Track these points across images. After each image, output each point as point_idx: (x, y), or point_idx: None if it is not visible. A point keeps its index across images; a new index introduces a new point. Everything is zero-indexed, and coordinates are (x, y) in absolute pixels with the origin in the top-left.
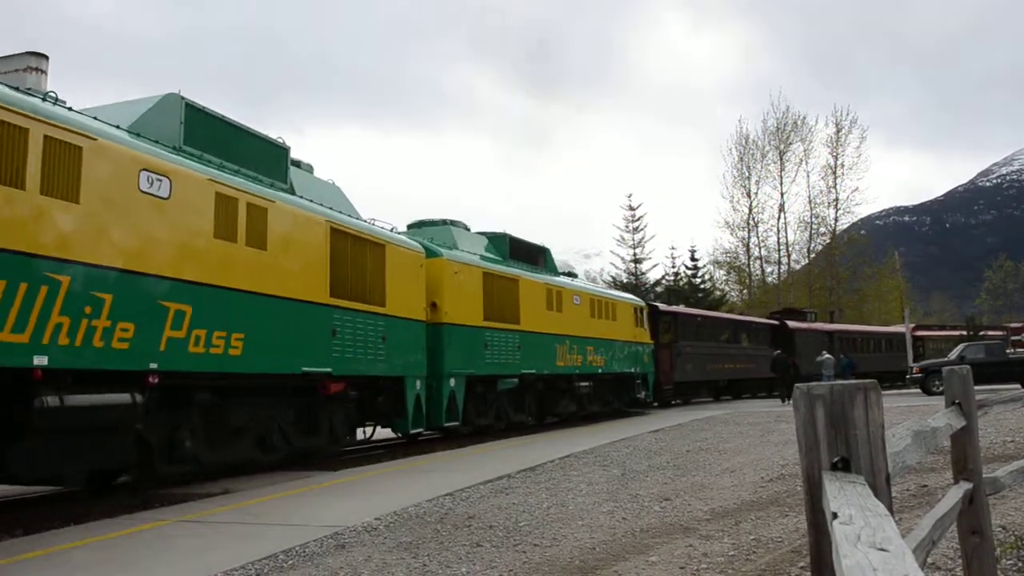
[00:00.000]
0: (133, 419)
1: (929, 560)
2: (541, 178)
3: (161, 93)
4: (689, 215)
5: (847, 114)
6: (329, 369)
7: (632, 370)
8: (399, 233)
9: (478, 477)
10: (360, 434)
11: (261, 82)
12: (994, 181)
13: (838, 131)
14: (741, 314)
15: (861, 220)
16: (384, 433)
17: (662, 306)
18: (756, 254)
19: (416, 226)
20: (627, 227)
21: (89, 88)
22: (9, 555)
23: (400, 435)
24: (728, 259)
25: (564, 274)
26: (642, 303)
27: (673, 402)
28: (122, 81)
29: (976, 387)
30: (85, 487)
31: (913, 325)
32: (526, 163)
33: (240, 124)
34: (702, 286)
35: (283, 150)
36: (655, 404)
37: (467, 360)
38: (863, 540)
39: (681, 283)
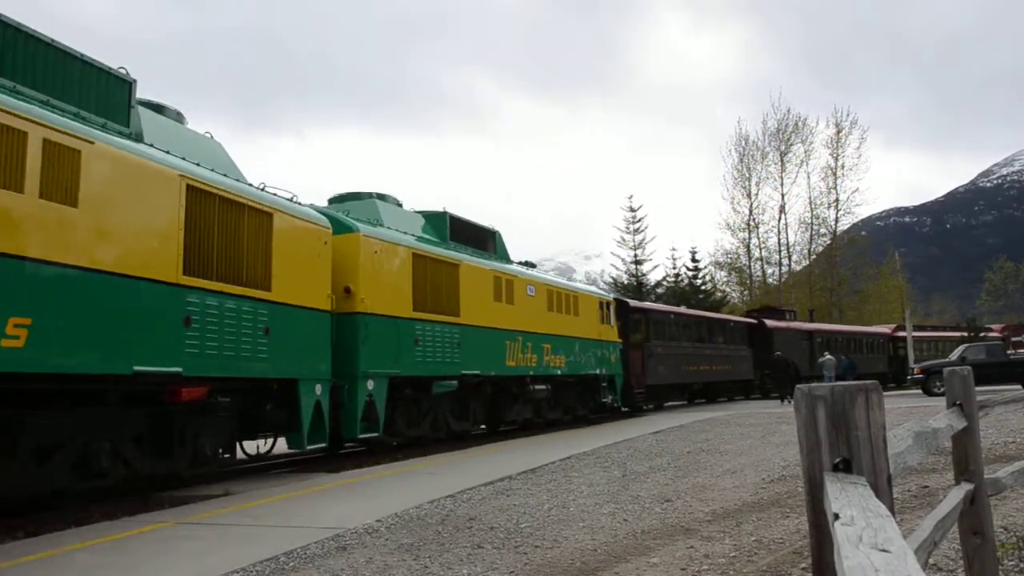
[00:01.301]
0: None
1: (931, 561)
2: (541, 179)
3: None
4: (690, 216)
5: (847, 115)
6: (178, 369)
7: (597, 372)
8: (307, 205)
9: (479, 479)
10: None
11: (261, 82)
12: (994, 182)
13: (838, 132)
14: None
15: (861, 221)
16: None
17: (632, 302)
18: (757, 255)
19: (338, 200)
20: (628, 228)
21: None
22: (11, 558)
23: (300, 450)
24: (729, 260)
25: (521, 263)
26: (609, 297)
27: (645, 407)
28: None
29: (977, 388)
30: None
31: (895, 326)
32: (526, 163)
33: (55, 41)
34: (703, 287)
35: (124, 83)
36: (625, 409)
37: (390, 358)
38: (865, 541)
39: (682, 284)
